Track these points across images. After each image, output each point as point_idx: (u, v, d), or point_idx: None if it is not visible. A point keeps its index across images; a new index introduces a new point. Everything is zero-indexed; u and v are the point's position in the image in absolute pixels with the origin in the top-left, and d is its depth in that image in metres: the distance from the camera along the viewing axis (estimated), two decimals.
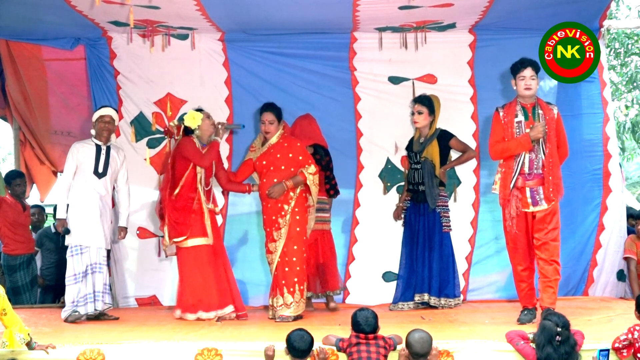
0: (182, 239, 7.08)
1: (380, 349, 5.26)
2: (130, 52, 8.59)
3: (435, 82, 8.59)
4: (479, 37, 8.54)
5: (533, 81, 6.39)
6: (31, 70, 9.04)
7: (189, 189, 7.15)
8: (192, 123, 7.16)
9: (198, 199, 7.17)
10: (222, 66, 8.66)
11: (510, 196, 6.44)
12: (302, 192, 7.26)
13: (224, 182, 7.57)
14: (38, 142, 9.63)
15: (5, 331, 5.49)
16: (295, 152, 7.27)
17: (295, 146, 7.33)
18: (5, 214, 8.93)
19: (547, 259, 6.36)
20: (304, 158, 7.27)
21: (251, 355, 5.43)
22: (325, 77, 8.70)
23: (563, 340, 5.10)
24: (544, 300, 6.35)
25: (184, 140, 7.20)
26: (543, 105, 6.45)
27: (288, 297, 7.07)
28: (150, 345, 5.60)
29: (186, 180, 7.13)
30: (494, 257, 8.53)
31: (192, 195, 7.15)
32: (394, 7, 7.56)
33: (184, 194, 7.13)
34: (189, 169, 7.13)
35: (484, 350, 5.43)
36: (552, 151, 6.37)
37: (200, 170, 7.19)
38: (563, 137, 6.47)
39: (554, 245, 6.39)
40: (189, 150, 7.14)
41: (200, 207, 7.18)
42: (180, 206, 7.10)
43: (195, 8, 7.56)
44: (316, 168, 7.28)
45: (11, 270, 8.95)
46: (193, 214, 7.13)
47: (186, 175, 7.13)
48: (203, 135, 7.26)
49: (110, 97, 8.61)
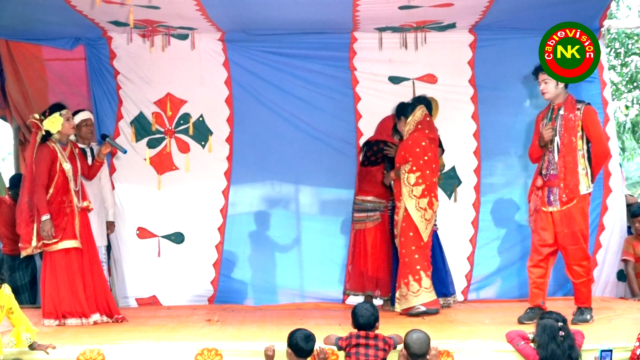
0: (53, 242, 6.83)
1: (379, 351, 5.26)
2: (130, 52, 8.58)
3: (436, 82, 8.59)
4: (479, 37, 8.53)
5: (546, 84, 6.44)
6: (31, 70, 9.03)
7: (60, 192, 6.91)
8: (52, 128, 6.89)
9: (70, 200, 6.95)
10: (222, 66, 8.65)
11: (532, 194, 6.59)
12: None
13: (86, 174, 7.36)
14: None
15: (13, 330, 5.52)
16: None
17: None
18: (4, 214, 8.92)
19: (568, 263, 6.42)
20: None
21: (251, 356, 5.44)
22: (326, 77, 8.69)
23: (566, 335, 5.12)
24: (576, 300, 6.47)
25: (40, 150, 6.88)
26: (568, 104, 6.42)
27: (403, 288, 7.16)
28: (150, 346, 5.60)
29: (56, 184, 6.88)
30: (496, 258, 8.54)
31: (64, 198, 6.93)
32: (394, 7, 7.55)
33: (55, 197, 6.89)
34: (57, 173, 6.88)
35: (484, 350, 5.44)
36: (568, 152, 6.35)
37: (69, 170, 6.95)
38: (594, 133, 6.38)
39: (572, 250, 6.38)
40: (39, 165, 6.83)
41: (72, 209, 6.97)
42: (52, 210, 6.86)
43: (195, 8, 7.55)
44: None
45: (10, 270, 8.94)
46: (66, 217, 6.92)
47: (56, 179, 6.88)
48: (62, 137, 7.02)
49: (110, 97, 8.61)
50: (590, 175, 6.38)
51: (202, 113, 8.62)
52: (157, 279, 8.52)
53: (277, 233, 8.76)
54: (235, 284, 8.59)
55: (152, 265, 8.51)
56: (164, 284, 8.53)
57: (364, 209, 7.96)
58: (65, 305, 6.84)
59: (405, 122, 7.36)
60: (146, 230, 8.57)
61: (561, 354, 5.07)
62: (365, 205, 7.95)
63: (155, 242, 8.55)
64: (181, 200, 8.56)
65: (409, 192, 7.14)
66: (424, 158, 7.21)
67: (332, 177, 8.54)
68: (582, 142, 6.36)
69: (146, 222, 8.58)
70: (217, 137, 8.62)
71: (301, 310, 7.97)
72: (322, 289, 8.59)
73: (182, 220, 8.57)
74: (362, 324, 5.38)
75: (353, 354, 5.25)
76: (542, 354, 5.13)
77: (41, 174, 6.82)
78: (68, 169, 6.93)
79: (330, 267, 8.57)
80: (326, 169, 8.61)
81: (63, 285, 6.87)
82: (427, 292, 7.11)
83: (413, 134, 7.28)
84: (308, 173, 8.73)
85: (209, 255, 8.58)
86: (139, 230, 8.55)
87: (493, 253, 8.55)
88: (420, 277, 7.12)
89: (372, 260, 7.91)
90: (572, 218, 6.37)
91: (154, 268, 8.51)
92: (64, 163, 6.92)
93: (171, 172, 8.60)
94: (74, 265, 6.93)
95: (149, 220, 8.58)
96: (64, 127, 6.95)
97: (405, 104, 7.53)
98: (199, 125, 8.61)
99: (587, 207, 6.43)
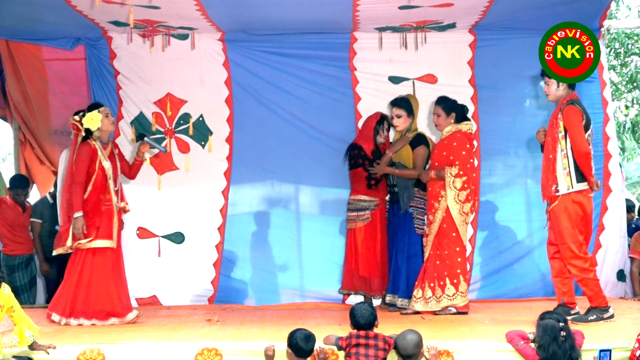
0: (86, 240, 6.86)
1: (379, 351, 5.27)
2: (131, 52, 8.58)
3: (436, 82, 8.59)
4: (479, 37, 8.53)
5: (548, 87, 6.53)
6: (31, 70, 9.04)
7: (98, 191, 6.94)
8: (92, 125, 6.94)
9: (108, 199, 7.00)
10: (222, 66, 8.65)
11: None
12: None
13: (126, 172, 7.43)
14: (38, 142, 9.65)
15: (15, 328, 5.52)
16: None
17: None
18: (4, 214, 8.93)
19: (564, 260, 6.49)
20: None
21: (251, 356, 5.45)
22: (326, 76, 8.69)
23: (567, 335, 5.12)
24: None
25: (80, 148, 6.94)
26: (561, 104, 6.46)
27: (438, 290, 7.17)
28: (150, 345, 5.61)
29: (95, 182, 6.91)
30: (495, 258, 8.53)
31: (101, 197, 6.97)
32: (394, 7, 7.55)
33: (92, 195, 6.91)
34: (96, 171, 6.92)
35: (483, 350, 5.44)
36: (548, 152, 6.49)
37: (109, 169, 7.01)
38: (570, 133, 6.38)
39: (562, 248, 6.47)
40: (79, 163, 6.88)
41: (110, 208, 7.01)
42: (89, 209, 6.89)
43: (195, 8, 7.55)
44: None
45: (10, 270, 8.94)
46: (101, 216, 6.94)
47: (94, 177, 6.91)
48: (103, 136, 7.08)
49: (110, 97, 8.61)
50: (576, 174, 6.38)
51: (202, 113, 8.63)
52: (157, 279, 8.51)
53: (277, 233, 8.75)
54: (236, 283, 8.58)
55: (152, 265, 8.50)
56: (164, 283, 8.52)
57: (355, 208, 7.97)
58: (79, 304, 6.83)
59: (451, 120, 7.36)
60: (146, 230, 8.57)
61: (562, 354, 5.07)
62: (357, 205, 7.95)
63: (155, 242, 8.55)
64: (181, 200, 8.56)
65: (455, 196, 7.17)
66: (470, 161, 7.27)
67: (332, 177, 8.53)
68: (565, 141, 6.38)
69: (146, 222, 8.58)
70: (217, 137, 8.62)
71: (301, 310, 7.97)
72: (322, 289, 8.58)
73: (182, 220, 8.56)
74: (362, 325, 5.38)
75: (353, 354, 5.25)
76: (542, 355, 5.13)
77: (79, 171, 6.87)
78: (108, 167, 6.98)
79: (330, 267, 8.56)
80: (326, 169, 8.59)
81: (85, 284, 6.87)
82: (462, 296, 7.16)
83: (455, 135, 7.28)
84: (308, 173, 8.72)
85: (209, 255, 8.57)
86: (139, 230, 8.55)
87: (493, 253, 8.54)
88: (459, 281, 7.15)
89: (363, 260, 7.91)
90: (556, 217, 6.46)
91: (154, 268, 8.51)
92: (103, 161, 6.98)
93: (171, 172, 8.59)
94: (107, 264, 6.95)
95: (149, 220, 8.57)
96: (104, 124, 7.01)
97: (458, 103, 7.51)
98: (199, 125, 8.60)
99: (573, 206, 6.41)
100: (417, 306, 7.23)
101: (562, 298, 6.60)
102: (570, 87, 6.52)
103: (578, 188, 6.38)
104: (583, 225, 6.47)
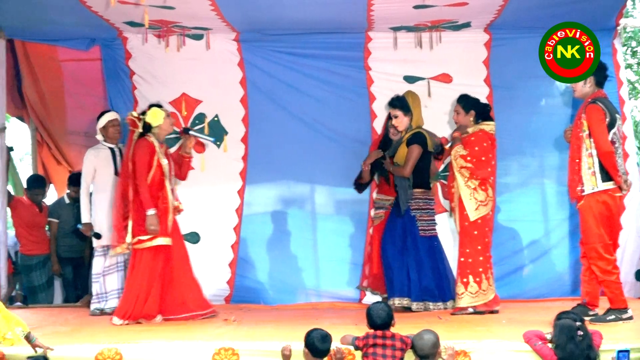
0: (147, 238, 6.91)
1: (397, 351, 5.25)
2: (146, 53, 8.61)
3: (451, 82, 8.57)
4: (494, 36, 8.51)
5: (575, 83, 6.46)
6: (47, 71, 9.10)
7: (155, 187, 6.99)
8: (154, 121, 7.02)
9: (164, 197, 7.05)
10: (237, 66, 8.67)
11: None
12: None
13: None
14: (55, 143, 9.71)
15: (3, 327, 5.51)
16: None
17: None
18: (21, 214, 8.99)
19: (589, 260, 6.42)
20: None
21: (268, 355, 5.43)
22: (340, 76, 8.69)
23: (584, 334, 5.10)
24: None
25: (139, 144, 7.00)
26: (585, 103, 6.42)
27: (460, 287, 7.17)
28: (167, 345, 5.61)
29: (152, 178, 6.97)
30: (512, 257, 8.52)
31: (158, 194, 7.01)
32: (409, 7, 7.54)
33: (151, 193, 6.97)
34: (154, 167, 6.97)
35: (500, 350, 5.41)
36: (573, 151, 6.42)
37: (166, 166, 7.05)
38: (592, 131, 6.32)
39: (587, 248, 6.40)
40: (141, 158, 6.95)
41: (166, 206, 7.06)
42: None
43: (210, 8, 7.57)
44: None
45: (27, 270, 9.00)
46: (159, 213, 6.99)
47: (152, 173, 6.96)
48: (161, 134, 7.16)
49: (125, 97, 8.64)
50: (602, 174, 6.32)
51: (217, 113, 8.64)
52: None
53: (293, 233, 8.77)
54: (251, 283, 8.59)
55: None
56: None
57: (375, 206, 8.06)
58: (146, 305, 6.89)
59: (470, 118, 7.34)
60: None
61: (579, 354, 5.04)
62: (376, 203, 8.04)
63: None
64: (197, 200, 8.54)
65: (471, 194, 7.17)
66: (484, 155, 7.22)
67: (348, 177, 8.50)
68: (590, 141, 6.33)
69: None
70: (233, 137, 8.63)
71: (317, 310, 7.97)
72: (338, 289, 8.58)
73: (197, 220, 8.55)
74: (379, 324, 5.37)
75: (370, 354, 5.24)
76: (560, 354, 5.11)
77: (142, 167, 6.93)
78: (165, 165, 7.04)
79: (346, 266, 8.57)
80: (341, 168, 8.57)
81: (149, 284, 6.91)
82: (484, 294, 7.13)
83: (477, 133, 7.26)
84: (323, 173, 8.72)
85: (224, 255, 8.59)
86: None
87: (509, 253, 8.51)
88: (481, 279, 7.13)
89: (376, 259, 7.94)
90: (582, 217, 6.40)
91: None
92: (161, 158, 7.03)
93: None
94: (162, 263, 7.00)
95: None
96: (165, 122, 7.08)
97: (479, 102, 7.48)
98: (214, 125, 8.61)
99: (598, 205, 6.32)
100: (462, 302, 7.20)
101: (585, 298, 6.55)
102: (598, 85, 6.46)
103: (603, 187, 6.30)
104: (609, 225, 6.40)
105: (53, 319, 7.07)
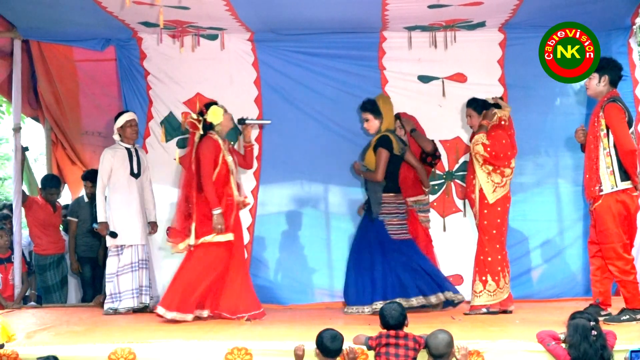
0: (211, 236, 6.96)
1: (410, 350, 5.25)
2: (160, 53, 8.63)
3: (465, 81, 8.56)
4: (509, 35, 8.49)
5: (589, 81, 6.42)
6: (62, 71, 9.13)
7: (221, 184, 7.06)
8: (215, 119, 7.10)
9: (230, 193, 7.11)
10: (251, 66, 8.68)
11: None
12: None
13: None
14: (69, 143, 9.75)
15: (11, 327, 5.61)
16: None
17: None
18: (35, 214, 9.02)
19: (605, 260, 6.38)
20: None
21: (281, 355, 5.45)
22: (355, 76, 8.68)
23: (598, 334, 5.08)
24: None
25: (204, 143, 7.06)
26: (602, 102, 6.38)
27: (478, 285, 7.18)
28: (180, 344, 5.63)
29: (218, 175, 7.02)
30: (527, 257, 8.51)
31: (223, 191, 7.08)
32: (423, 6, 7.54)
33: (216, 190, 7.03)
34: (219, 164, 7.04)
35: (514, 350, 5.41)
36: (590, 151, 6.38)
37: (232, 162, 7.12)
38: (613, 130, 6.27)
39: (604, 248, 6.35)
40: (207, 157, 7.00)
41: (232, 202, 7.12)
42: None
43: (225, 8, 7.58)
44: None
45: (41, 269, 9.03)
46: (224, 209, 7.04)
47: (217, 170, 7.02)
48: (223, 130, 7.22)
49: (140, 97, 8.67)
50: (620, 173, 6.29)
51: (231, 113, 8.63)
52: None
53: (307, 233, 8.76)
54: (265, 283, 8.56)
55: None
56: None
57: None
58: (192, 299, 6.90)
59: (481, 118, 7.33)
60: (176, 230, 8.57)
61: (593, 354, 5.03)
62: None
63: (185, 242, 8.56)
64: None
65: (487, 176, 7.18)
66: (504, 154, 7.21)
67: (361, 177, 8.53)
68: (608, 140, 6.30)
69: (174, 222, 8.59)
70: None
71: (330, 310, 7.96)
72: None
73: None
74: (392, 324, 5.37)
75: (383, 353, 5.25)
76: (574, 354, 5.10)
77: (208, 165, 6.99)
78: (230, 161, 7.11)
79: None
80: None
81: (201, 277, 6.94)
82: (500, 292, 7.12)
83: (491, 134, 7.22)
84: (337, 173, 8.69)
85: None
86: (169, 230, 8.55)
87: (523, 252, 8.49)
88: (499, 277, 7.13)
89: None
90: (600, 217, 6.35)
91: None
92: (226, 155, 7.10)
93: None
94: (220, 258, 7.03)
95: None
96: (225, 119, 7.17)
97: (488, 102, 7.45)
98: None
99: (616, 205, 6.28)
100: (479, 301, 7.18)
101: (598, 298, 6.52)
102: (612, 84, 6.43)
103: (622, 187, 6.27)
104: (627, 224, 6.38)
105: (67, 319, 7.10)
